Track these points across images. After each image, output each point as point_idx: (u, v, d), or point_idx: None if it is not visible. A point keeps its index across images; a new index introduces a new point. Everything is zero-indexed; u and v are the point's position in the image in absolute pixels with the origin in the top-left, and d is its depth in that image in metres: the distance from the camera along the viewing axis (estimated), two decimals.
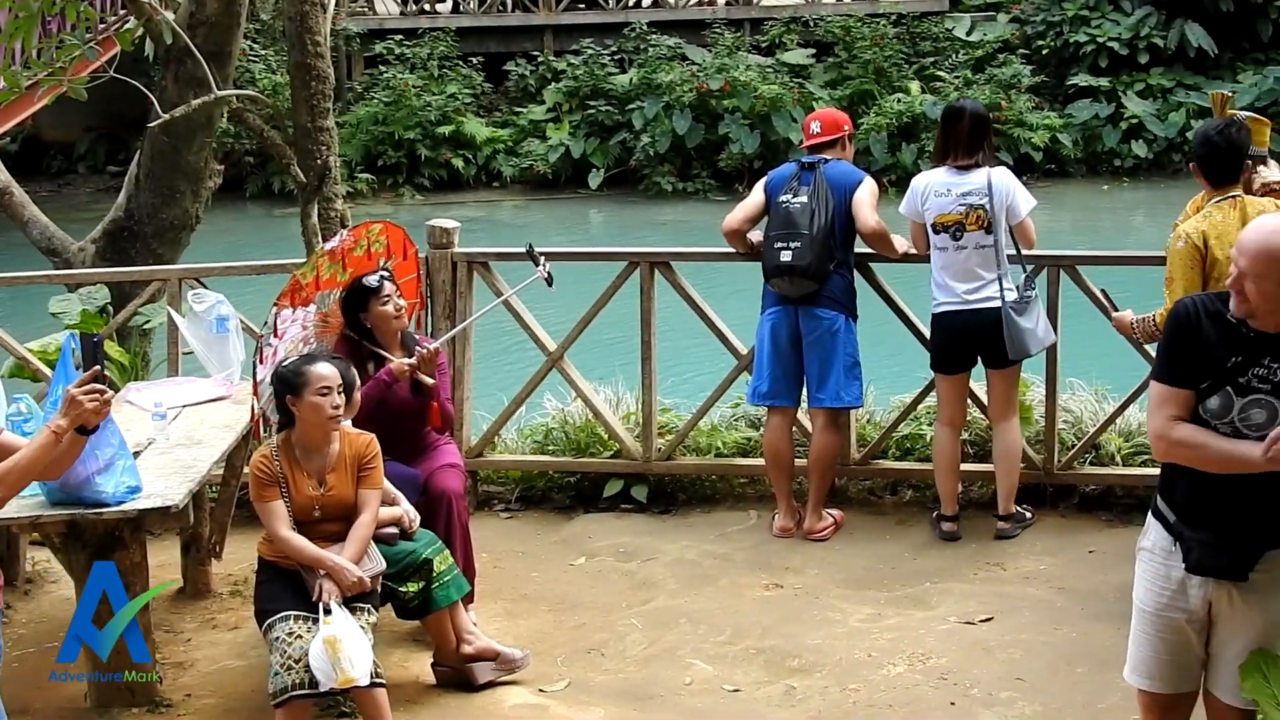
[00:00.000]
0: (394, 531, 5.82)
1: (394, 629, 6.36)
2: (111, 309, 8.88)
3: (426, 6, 26.36)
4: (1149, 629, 4.34)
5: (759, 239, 7.59)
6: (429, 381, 6.39)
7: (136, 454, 5.91)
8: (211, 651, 6.41)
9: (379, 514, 5.68)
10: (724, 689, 6.01)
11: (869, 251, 7.62)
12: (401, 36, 25.21)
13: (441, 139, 23.82)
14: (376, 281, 6.33)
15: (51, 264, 9.86)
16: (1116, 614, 5.75)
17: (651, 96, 23.53)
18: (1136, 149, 22.99)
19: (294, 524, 5.51)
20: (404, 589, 5.80)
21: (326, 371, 5.53)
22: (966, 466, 7.63)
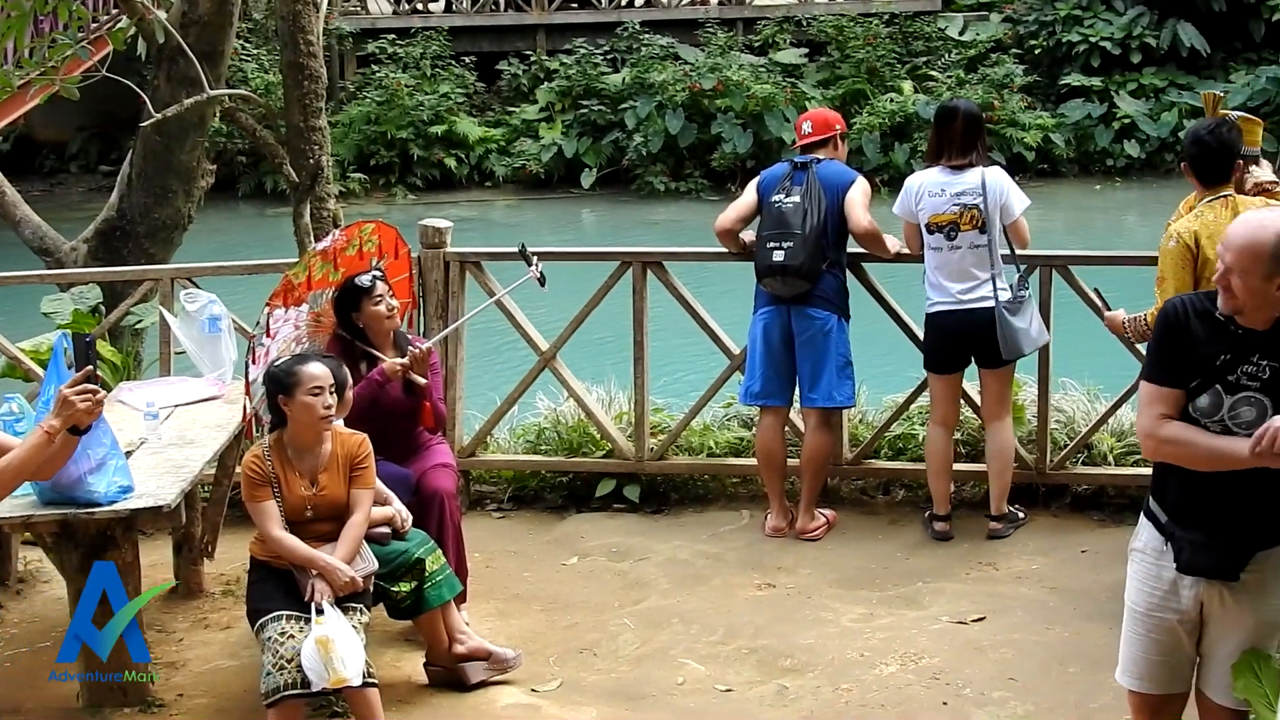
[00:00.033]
0: (386, 531, 5.82)
1: (386, 629, 6.36)
2: (104, 309, 8.86)
3: (419, 6, 26.34)
4: (1140, 629, 4.35)
5: (751, 239, 7.59)
6: (421, 381, 6.39)
7: (128, 454, 5.91)
8: (204, 651, 6.40)
9: (371, 514, 5.69)
10: (716, 689, 6.01)
11: (861, 251, 7.62)
12: (394, 36, 25.17)
13: (434, 138, 23.80)
14: (369, 281, 6.33)
15: (44, 263, 9.85)
16: (1108, 614, 5.75)
17: (644, 96, 23.52)
18: (1129, 149, 23.01)
19: (286, 524, 5.51)
20: (396, 589, 5.79)
21: (318, 371, 5.53)
22: (959, 466, 7.63)
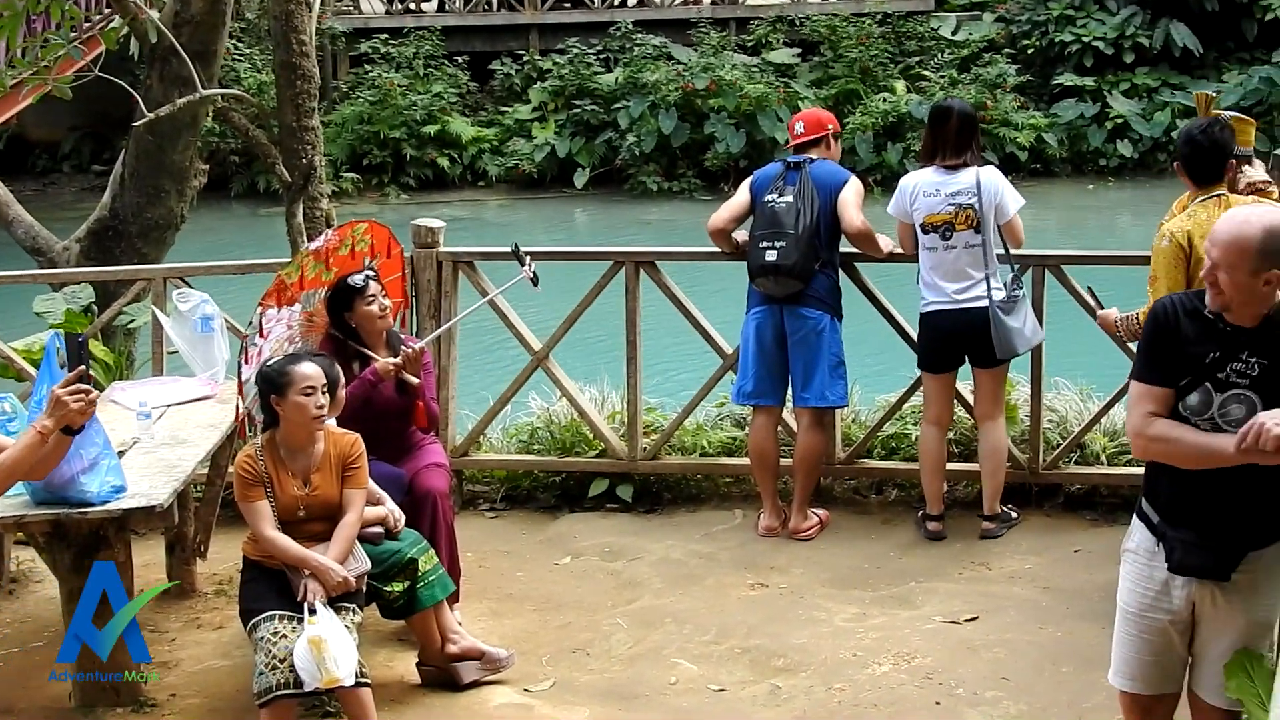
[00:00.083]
0: (379, 531, 5.82)
1: (379, 628, 6.35)
2: (96, 308, 8.86)
3: (412, 5, 26.33)
4: (1132, 630, 4.35)
5: (744, 238, 7.59)
6: (414, 381, 6.38)
7: (121, 453, 5.89)
8: (196, 651, 6.39)
9: (364, 513, 5.68)
10: (709, 688, 6.01)
11: (854, 251, 7.62)
12: (387, 35, 25.15)
13: (427, 138, 23.79)
14: (361, 281, 6.33)
15: (36, 263, 9.83)
16: (1101, 613, 5.76)
17: (637, 96, 23.52)
18: (1121, 148, 23.03)
19: (279, 524, 5.50)
20: (389, 588, 5.79)
21: (311, 371, 5.53)
22: (952, 466, 7.63)
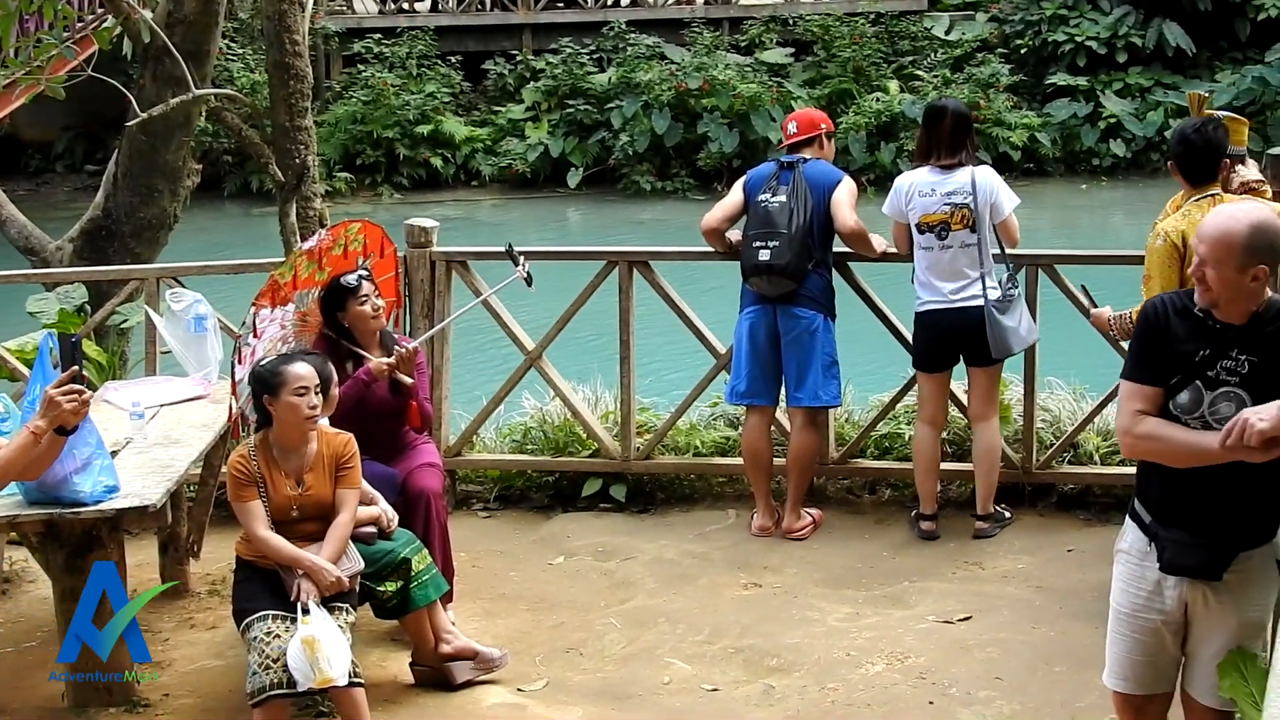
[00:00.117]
0: (372, 531, 5.82)
1: (372, 628, 6.35)
2: (89, 308, 8.83)
3: (405, 5, 26.32)
4: (1125, 630, 4.36)
5: (738, 238, 7.59)
6: (407, 381, 6.38)
7: (114, 453, 5.89)
8: (189, 651, 6.39)
9: (357, 513, 5.68)
10: (702, 688, 6.01)
11: (847, 251, 7.62)
12: (380, 35, 25.13)
13: (420, 138, 23.77)
14: (355, 281, 6.32)
15: (29, 263, 9.81)
16: (1094, 613, 5.76)
17: (630, 95, 23.52)
18: (1115, 148, 23.06)
19: (272, 524, 5.50)
20: (382, 588, 5.79)
21: (304, 371, 5.52)
22: (945, 466, 7.63)
